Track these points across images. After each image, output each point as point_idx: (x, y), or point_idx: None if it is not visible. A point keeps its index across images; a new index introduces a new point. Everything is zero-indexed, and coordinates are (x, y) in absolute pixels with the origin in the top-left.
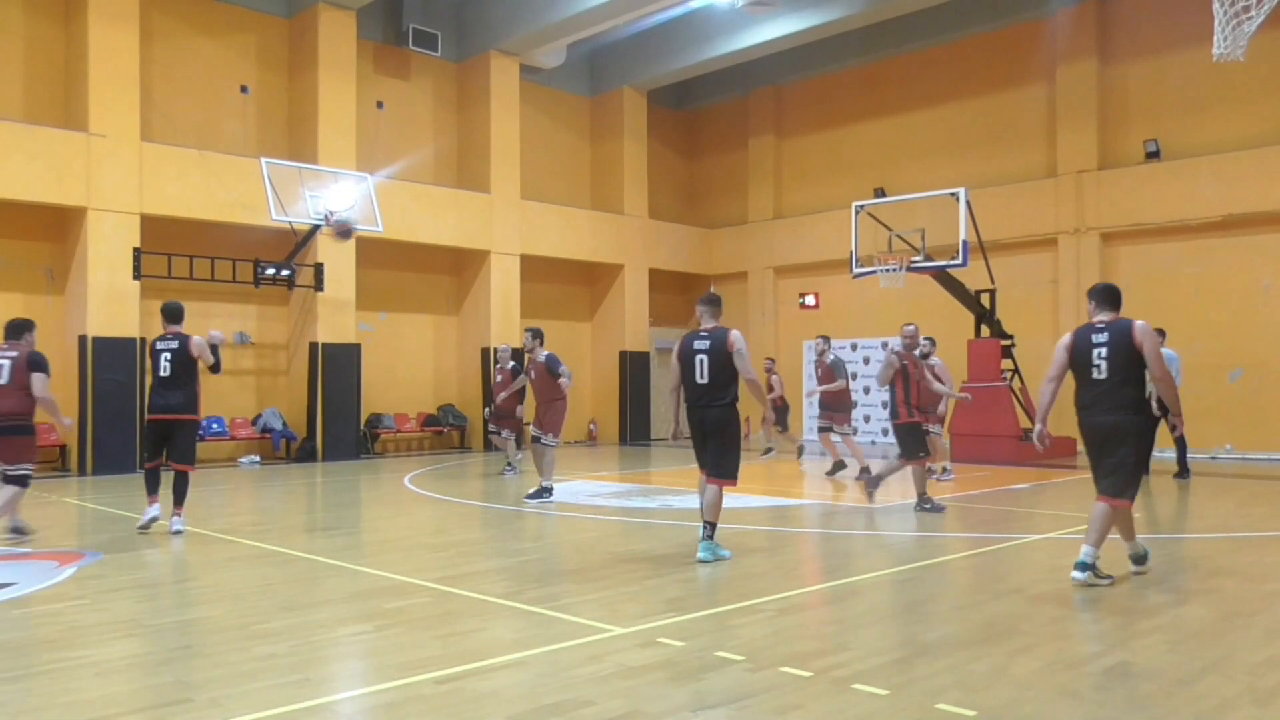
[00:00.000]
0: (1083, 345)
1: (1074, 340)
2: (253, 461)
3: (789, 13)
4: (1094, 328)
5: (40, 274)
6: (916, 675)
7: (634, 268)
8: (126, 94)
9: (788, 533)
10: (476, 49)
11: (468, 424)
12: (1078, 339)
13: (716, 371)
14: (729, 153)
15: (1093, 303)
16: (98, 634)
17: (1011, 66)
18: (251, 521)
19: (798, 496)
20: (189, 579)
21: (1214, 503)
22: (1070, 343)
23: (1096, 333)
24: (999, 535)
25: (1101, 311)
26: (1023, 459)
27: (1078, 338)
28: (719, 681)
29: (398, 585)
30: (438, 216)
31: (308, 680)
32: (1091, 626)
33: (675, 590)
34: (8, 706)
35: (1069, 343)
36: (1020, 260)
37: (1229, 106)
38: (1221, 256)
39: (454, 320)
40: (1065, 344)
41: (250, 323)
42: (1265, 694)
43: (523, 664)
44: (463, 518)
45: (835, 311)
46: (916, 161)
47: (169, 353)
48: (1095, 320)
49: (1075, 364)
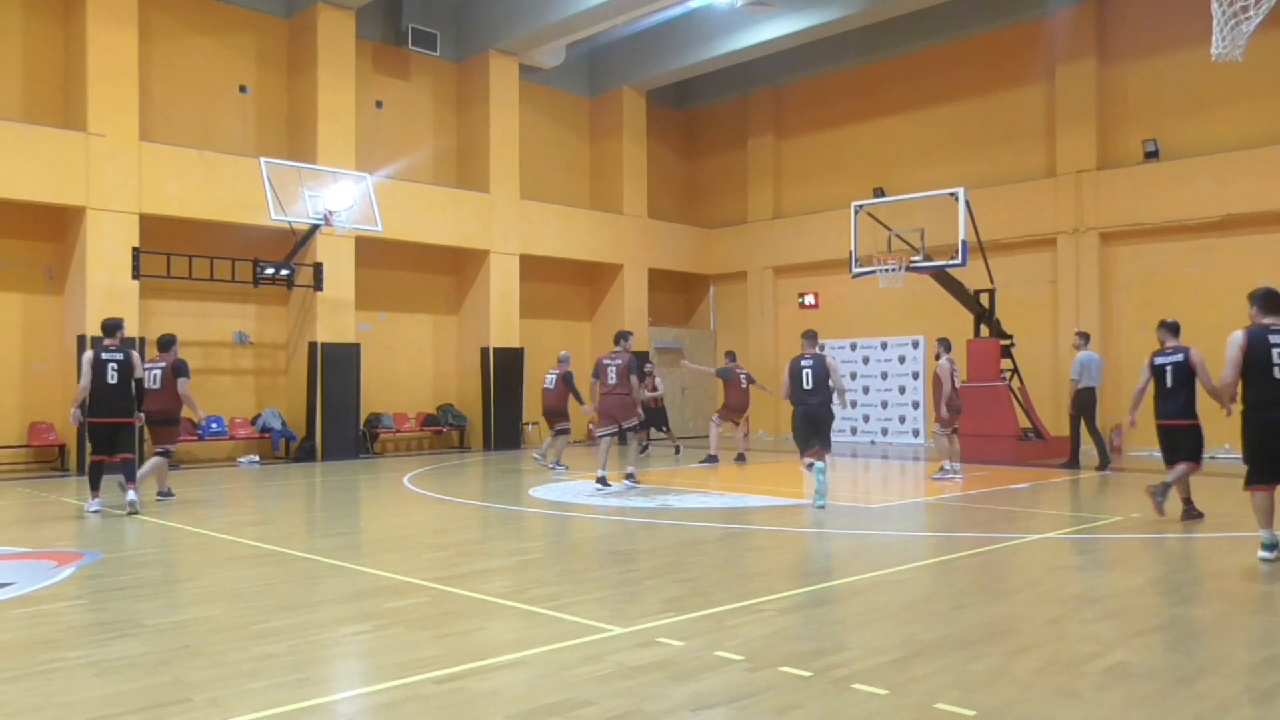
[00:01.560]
0: (1260, 345)
1: (1248, 340)
2: (252, 461)
3: (788, 13)
4: (1270, 329)
5: (39, 274)
6: (916, 675)
7: (633, 268)
8: (125, 94)
9: (788, 532)
10: (476, 49)
11: (467, 424)
12: (1253, 339)
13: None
14: (728, 153)
15: (1255, 307)
16: (96, 634)
17: (1011, 67)
18: (251, 521)
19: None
20: (188, 579)
21: (1213, 502)
22: (1244, 342)
23: (1274, 334)
24: (998, 535)
25: (1266, 315)
26: (1022, 459)
27: (1252, 338)
28: (718, 681)
29: (397, 585)
30: (437, 216)
31: (307, 680)
32: (1090, 626)
33: (674, 590)
34: (7, 706)
35: (1243, 342)
36: (1019, 260)
37: (1228, 106)
38: (1220, 256)
39: (453, 320)
40: (1239, 343)
41: (249, 322)
42: (1264, 694)
43: (522, 664)
44: (462, 517)
45: (834, 311)
46: (916, 161)
47: (115, 363)
48: (1265, 322)
49: (1251, 363)
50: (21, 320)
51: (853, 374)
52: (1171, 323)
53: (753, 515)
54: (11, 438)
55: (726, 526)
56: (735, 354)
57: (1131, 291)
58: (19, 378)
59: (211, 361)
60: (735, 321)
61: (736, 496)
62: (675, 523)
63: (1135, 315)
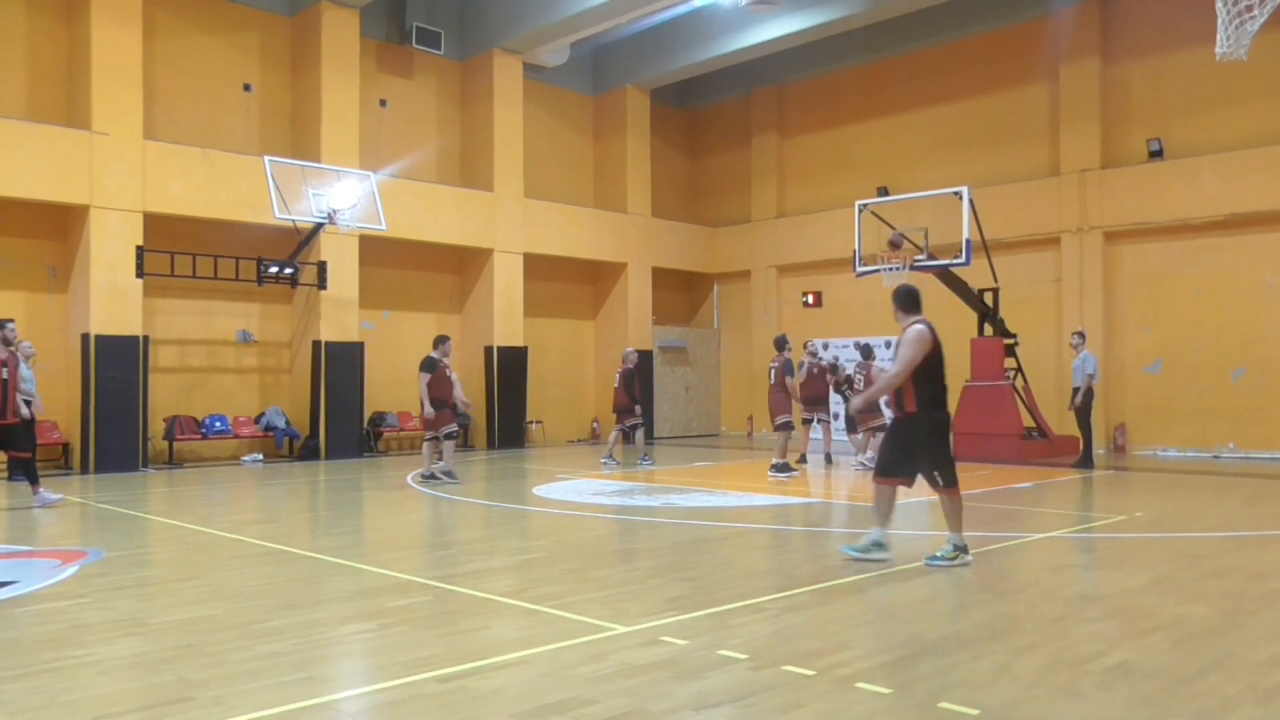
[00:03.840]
0: (938, 345)
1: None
2: (255, 460)
3: (792, 12)
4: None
5: (43, 272)
6: (919, 674)
7: (637, 266)
8: (129, 92)
9: (789, 532)
10: (480, 47)
11: (471, 422)
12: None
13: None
14: (732, 151)
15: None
16: (100, 632)
17: (1014, 66)
18: (254, 520)
19: (800, 495)
20: (191, 577)
21: (1216, 501)
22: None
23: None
24: (1001, 534)
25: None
26: (1025, 458)
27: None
28: (721, 680)
29: (400, 584)
30: (441, 215)
31: (310, 679)
32: (1093, 625)
33: (677, 589)
34: (10, 705)
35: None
36: (1023, 259)
37: (1232, 105)
38: (1224, 256)
39: (457, 319)
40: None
41: (253, 321)
42: (1267, 693)
43: (525, 662)
44: (465, 516)
45: (838, 310)
46: (919, 160)
47: (4, 368)
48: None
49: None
50: (25, 319)
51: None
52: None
53: (756, 514)
54: None
55: (729, 525)
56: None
57: (1135, 291)
58: None
59: (215, 360)
60: (739, 320)
61: (739, 495)
62: (678, 521)
63: (1139, 314)
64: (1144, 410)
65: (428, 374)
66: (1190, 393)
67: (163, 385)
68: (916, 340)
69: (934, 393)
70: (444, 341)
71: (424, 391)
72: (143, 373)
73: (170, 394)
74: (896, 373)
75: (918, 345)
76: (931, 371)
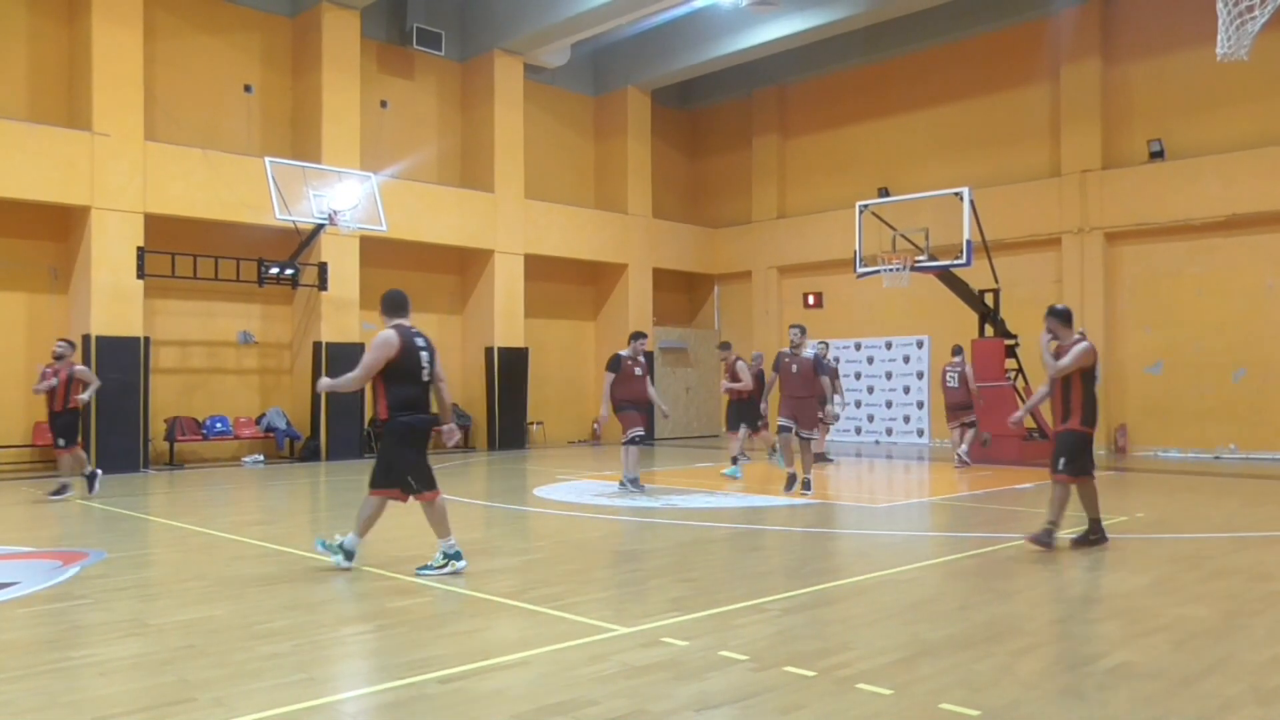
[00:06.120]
0: (411, 348)
1: (401, 339)
2: (256, 461)
3: (793, 12)
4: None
5: (44, 273)
6: (920, 675)
7: (638, 267)
8: (130, 93)
9: (790, 532)
10: (480, 48)
11: (471, 423)
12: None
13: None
14: (733, 152)
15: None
16: (101, 633)
17: (1015, 66)
18: (255, 520)
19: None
20: (192, 578)
21: (1218, 502)
22: (398, 341)
23: (418, 336)
24: (1003, 535)
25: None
26: (1026, 459)
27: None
28: (722, 681)
29: (401, 584)
30: (442, 216)
31: (311, 680)
32: (1094, 626)
33: (678, 590)
34: (11, 706)
35: (397, 341)
36: (1024, 260)
37: (1233, 106)
38: (1225, 256)
39: (458, 320)
40: (390, 342)
41: (254, 322)
42: (1268, 694)
43: (526, 663)
44: (466, 517)
45: (839, 311)
46: (920, 161)
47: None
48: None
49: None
50: (26, 320)
51: (857, 374)
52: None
53: (756, 515)
54: (16, 437)
55: (731, 526)
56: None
57: (1136, 291)
58: (23, 377)
59: (216, 361)
60: (740, 321)
61: (740, 496)
62: (679, 522)
63: (1140, 315)
64: (1145, 411)
65: (611, 373)
66: (1191, 393)
67: (163, 386)
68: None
69: (408, 396)
70: (635, 339)
71: (605, 391)
72: (144, 374)
73: (171, 395)
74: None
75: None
76: (404, 373)
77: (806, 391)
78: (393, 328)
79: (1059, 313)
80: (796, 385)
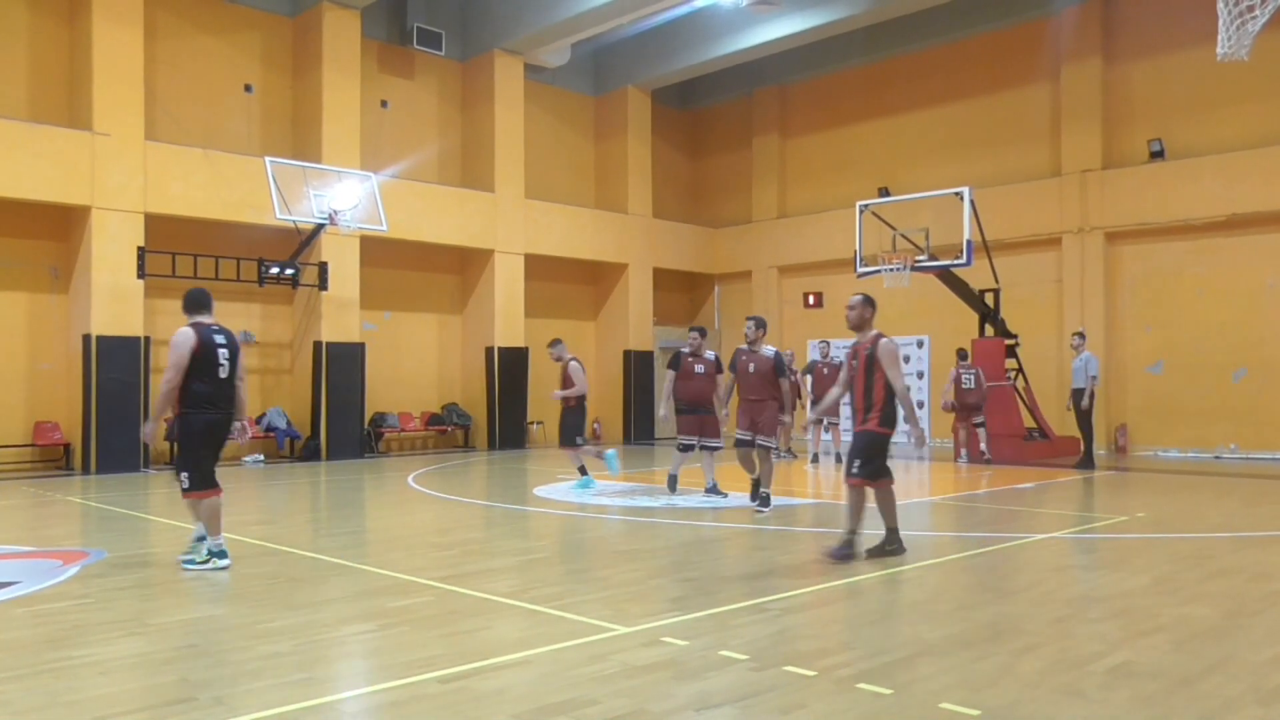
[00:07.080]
0: (210, 346)
1: (199, 339)
2: (256, 460)
3: (793, 12)
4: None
5: (44, 273)
6: (920, 674)
7: (638, 267)
8: (131, 93)
9: (790, 532)
10: (481, 48)
11: (471, 423)
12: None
13: None
14: (733, 152)
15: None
16: (101, 633)
17: (1016, 66)
18: (255, 520)
19: (801, 496)
20: (192, 578)
21: (1218, 502)
22: (195, 341)
23: (218, 334)
24: (1003, 535)
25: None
26: (1027, 459)
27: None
28: (723, 681)
29: (402, 584)
30: (442, 215)
31: (312, 679)
32: (1095, 626)
33: (679, 589)
34: (12, 705)
35: (194, 342)
36: (1024, 260)
37: (1233, 106)
38: (1226, 256)
39: (458, 319)
40: (189, 343)
41: (254, 322)
42: (1269, 693)
43: (527, 663)
44: (467, 517)
45: (839, 311)
46: (920, 161)
47: None
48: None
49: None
50: (27, 319)
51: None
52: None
53: (756, 515)
54: (16, 437)
55: (731, 526)
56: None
57: (1136, 291)
58: (24, 377)
59: None
60: (740, 321)
61: (740, 496)
62: (679, 522)
63: (1140, 315)
64: (1145, 411)
65: (671, 370)
66: (1191, 393)
67: None
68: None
69: (204, 393)
70: (693, 333)
71: (666, 390)
72: (144, 373)
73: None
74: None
75: None
76: (201, 370)
77: (765, 394)
78: (191, 325)
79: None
80: (753, 386)
